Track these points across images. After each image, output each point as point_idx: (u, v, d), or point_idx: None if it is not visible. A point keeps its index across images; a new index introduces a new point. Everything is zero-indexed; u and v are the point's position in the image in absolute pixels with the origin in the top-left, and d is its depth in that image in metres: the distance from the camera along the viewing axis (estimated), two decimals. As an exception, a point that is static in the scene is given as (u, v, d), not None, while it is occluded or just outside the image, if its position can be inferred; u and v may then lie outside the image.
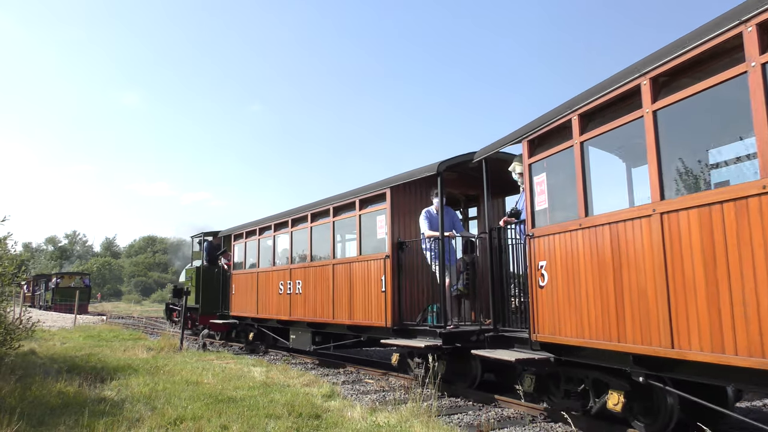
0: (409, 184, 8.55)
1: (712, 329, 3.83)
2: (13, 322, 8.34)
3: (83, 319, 24.69)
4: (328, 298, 9.76)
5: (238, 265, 14.32)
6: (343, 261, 9.61)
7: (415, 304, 8.44)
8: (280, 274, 11.77)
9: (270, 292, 12.12)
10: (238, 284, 13.94)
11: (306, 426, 5.30)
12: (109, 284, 78.47)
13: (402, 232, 8.52)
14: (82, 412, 5.44)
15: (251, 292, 13.06)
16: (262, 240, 13.00)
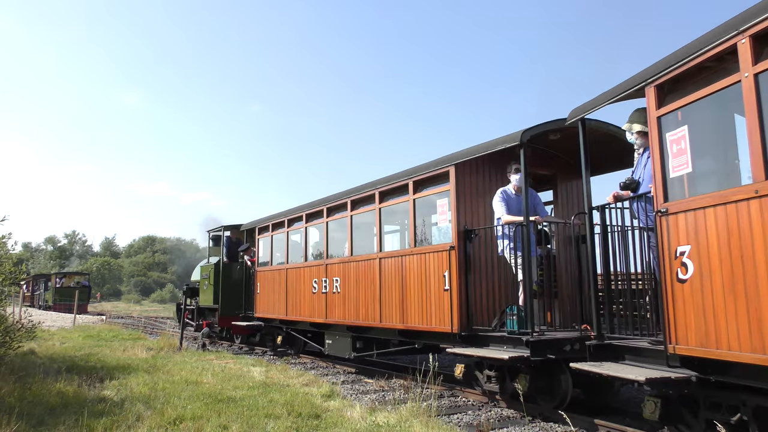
0: (478, 160, 7.24)
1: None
2: (14, 323, 8.33)
3: (83, 318, 24.68)
4: (374, 297, 8.54)
5: (264, 261, 13.09)
6: (392, 254, 8.30)
7: (486, 305, 7.11)
8: (313, 271, 10.50)
9: (301, 291, 10.90)
10: (264, 282, 12.75)
11: (305, 426, 5.30)
12: (108, 284, 78.42)
13: (469, 218, 7.18)
14: (81, 412, 5.44)
15: (279, 291, 11.88)
16: (291, 233, 11.80)
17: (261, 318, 12.77)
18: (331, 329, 10.03)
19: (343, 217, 9.80)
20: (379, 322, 8.36)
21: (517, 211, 6.68)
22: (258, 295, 13.03)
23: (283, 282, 11.69)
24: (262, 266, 13.02)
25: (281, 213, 12.21)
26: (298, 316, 11.01)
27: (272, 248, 12.66)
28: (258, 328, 13.03)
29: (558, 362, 6.00)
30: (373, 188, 8.88)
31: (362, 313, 8.83)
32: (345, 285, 9.38)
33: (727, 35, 3.93)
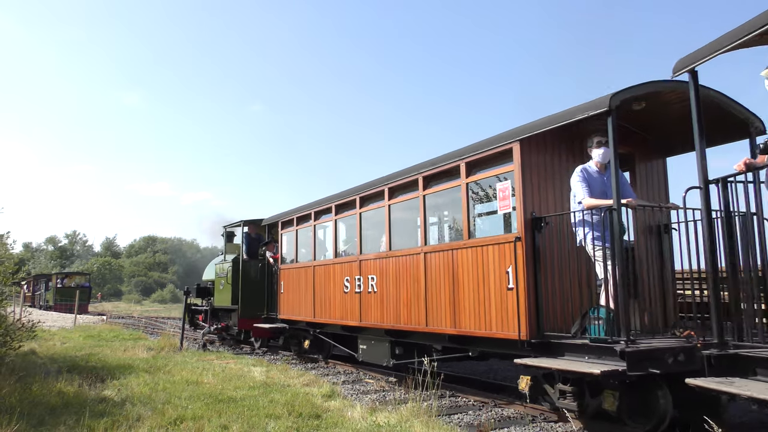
0: (547, 136, 6.11)
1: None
2: (14, 322, 8.34)
3: (83, 319, 24.69)
4: (417, 298, 7.52)
5: (288, 258, 12.08)
6: (440, 248, 7.27)
7: (560, 307, 5.92)
8: (345, 269, 9.38)
9: (331, 291, 9.82)
10: (288, 281, 11.68)
11: (306, 426, 5.30)
12: (109, 284, 78.49)
13: (537, 204, 6.10)
14: (82, 412, 5.44)
15: (305, 290, 10.80)
16: (319, 226, 10.76)
17: (285, 320, 11.71)
18: (366, 333, 9.00)
19: (379, 207, 8.68)
20: (425, 325, 7.29)
21: (601, 194, 5.66)
22: (282, 295, 11.94)
23: (310, 281, 10.60)
24: (286, 264, 11.99)
25: (307, 205, 11.14)
26: (328, 318, 9.92)
27: (297, 244, 11.57)
28: (281, 331, 11.93)
29: (650, 378, 4.93)
30: (415, 173, 7.75)
31: (404, 315, 7.79)
32: (382, 284, 8.33)
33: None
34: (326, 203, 10.31)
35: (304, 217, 11.29)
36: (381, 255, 8.51)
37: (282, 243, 12.37)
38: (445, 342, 7.27)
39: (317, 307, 10.29)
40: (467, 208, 6.85)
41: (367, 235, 9.23)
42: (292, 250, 11.79)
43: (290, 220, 11.81)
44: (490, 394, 7.28)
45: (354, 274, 9.09)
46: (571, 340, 5.55)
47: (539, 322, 5.82)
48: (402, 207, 8.40)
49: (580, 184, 5.75)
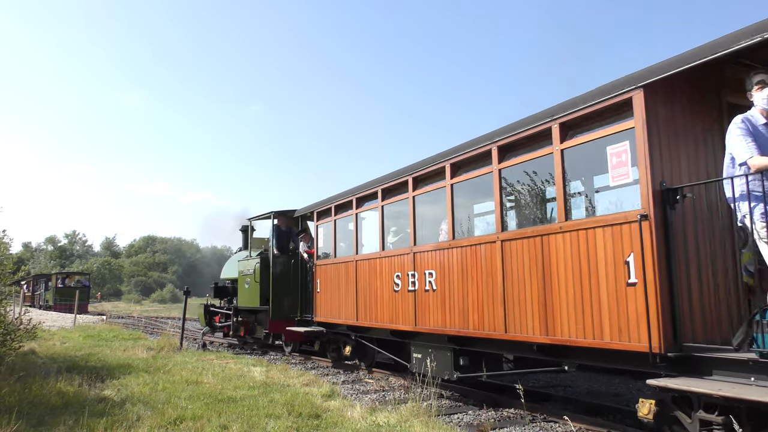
0: (676, 81, 4.72)
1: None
2: (13, 321, 8.33)
3: (83, 318, 24.68)
4: (492, 297, 6.12)
5: (325, 252, 10.67)
6: (524, 234, 5.78)
7: (707, 309, 4.55)
8: (395, 263, 8.08)
9: (377, 290, 8.51)
10: (326, 279, 10.32)
11: (306, 426, 5.30)
12: (108, 284, 78.50)
13: (668, 171, 4.66)
14: (81, 412, 5.44)
15: (346, 289, 9.48)
16: (362, 215, 9.37)
17: (322, 323, 10.39)
18: (420, 339, 7.66)
19: (438, 187, 7.33)
20: (503, 332, 5.90)
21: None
22: (318, 295, 10.57)
23: (352, 278, 9.28)
24: (323, 259, 10.57)
25: (347, 191, 9.72)
26: (373, 322, 8.57)
27: (335, 236, 10.11)
28: (318, 335, 10.58)
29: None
30: (488, 143, 6.34)
31: (473, 318, 6.40)
32: (444, 280, 6.98)
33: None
34: (370, 187, 8.89)
35: (343, 205, 9.85)
36: (441, 246, 7.10)
37: (318, 236, 10.90)
38: (532, 352, 5.74)
39: (360, 308, 8.95)
40: (563, 181, 5.40)
41: (422, 223, 7.79)
42: (330, 244, 10.30)
43: (327, 209, 10.36)
44: (490, 394, 7.27)
45: (406, 270, 7.75)
46: (730, 354, 4.13)
47: (675, 330, 4.40)
48: (468, 187, 7.00)
49: (743, 140, 4.16)
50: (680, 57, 4.48)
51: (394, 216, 8.72)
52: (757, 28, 3.91)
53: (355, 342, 9.47)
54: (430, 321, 7.24)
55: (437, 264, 7.16)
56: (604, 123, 5.11)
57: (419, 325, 7.46)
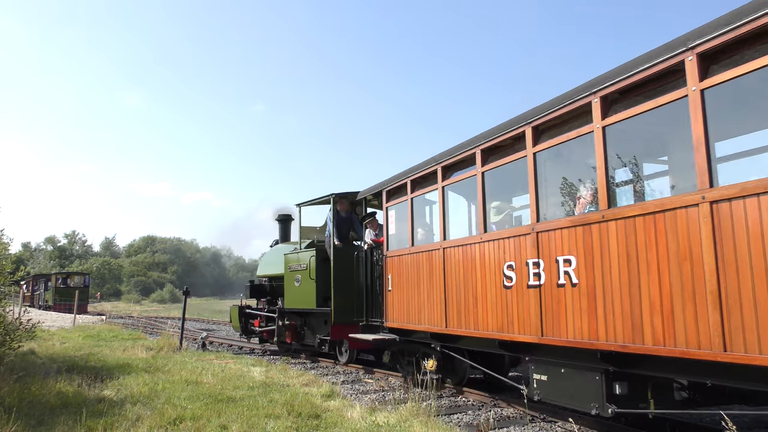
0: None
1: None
2: (13, 321, 8.33)
3: (83, 319, 24.67)
4: (692, 292, 4.05)
5: (398, 241, 8.49)
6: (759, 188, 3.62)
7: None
8: (506, 248, 5.97)
9: (476, 286, 6.43)
10: (399, 274, 8.22)
11: (305, 426, 5.29)
12: (108, 284, 78.50)
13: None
14: (81, 412, 5.43)
15: (429, 286, 7.45)
16: (450, 188, 7.31)
17: (395, 329, 8.33)
18: (545, 354, 5.51)
19: (574, 137, 5.10)
20: (720, 348, 3.80)
21: None
22: (390, 295, 8.45)
23: (437, 271, 7.24)
24: (396, 249, 8.42)
25: (429, 160, 7.57)
26: (471, 329, 6.49)
27: (412, 219, 7.96)
28: (389, 344, 8.72)
29: None
30: (682, 49, 4.14)
31: (652, 326, 4.32)
32: (591, 270, 4.90)
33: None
34: (465, 150, 6.70)
35: (424, 177, 7.79)
36: (588, 219, 4.96)
37: (388, 220, 8.75)
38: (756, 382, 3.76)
39: (451, 311, 6.92)
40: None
41: (550, 189, 5.77)
42: (405, 229, 8.14)
43: (401, 186, 8.32)
44: (490, 394, 7.26)
45: (524, 257, 5.64)
46: None
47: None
48: (631, 127, 4.91)
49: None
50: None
51: (499, 186, 6.67)
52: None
53: (441, 354, 7.47)
54: (566, 329, 5.10)
55: (579, 247, 5.02)
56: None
57: (548, 334, 5.31)
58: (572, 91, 5.20)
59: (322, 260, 10.50)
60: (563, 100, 5.28)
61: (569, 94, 5.24)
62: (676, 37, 4.27)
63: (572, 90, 5.21)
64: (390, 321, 8.45)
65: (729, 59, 3.93)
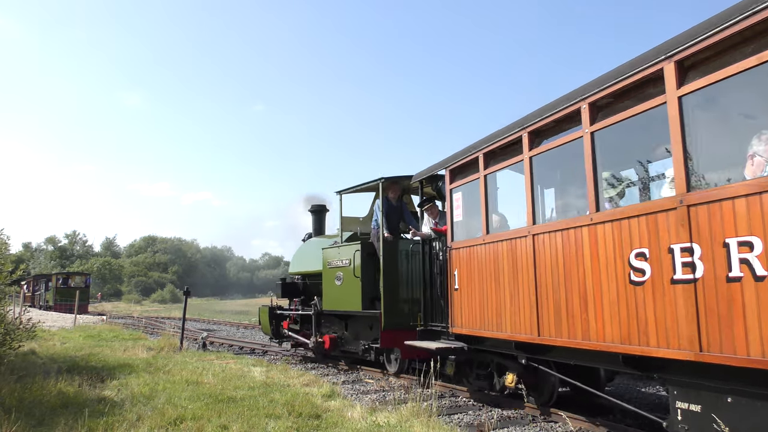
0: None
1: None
2: (13, 321, 8.34)
3: (83, 319, 24.68)
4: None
5: (467, 228, 7.10)
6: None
7: None
8: (629, 230, 4.53)
9: (582, 283, 5.00)
10: (469, 269, 6.81)
11: (306, 426, 5.29)
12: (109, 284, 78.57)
13: None
14: (81, 412, 5.43)
15: (511, 282, 6.01)
16: (539, 159, 5.76)
17: (462, 336, 6.99)
18: (700, 377, 4.04)
19: (748, 67, 3.67)
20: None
21: None
22: (456, 294, 7.05)
23: (524, 264, 5.78)
24: (465, 240, 6.99)
25: (512, 125, 6.06)
26: (578, 339, 5.02)
27: (487, 201, 6.49)
28: (456, 353, 7.11)
29: None
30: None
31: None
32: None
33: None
34: (564, 107, 5.23)
35: (502, 149, 6.32)
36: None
37: (452, 205, 7.29)
38: None
39: (545, 314, 5.44)
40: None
41: (700, 151, 4.13)
42: (477, 215, 6.70)
43: (470, 161, 6.84)
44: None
45: (666, 241, 4.19)
46: None
47: None
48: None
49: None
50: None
51: (614, 151, 5.23)
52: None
53: (525, 367, 6.09)
54: (745, 341, 3.61)
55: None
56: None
57: (711, 348, 3.82)
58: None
59: (368, 255, 9.19)
60: (732, 17, 3.80)
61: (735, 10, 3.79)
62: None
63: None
64: (457, 326, 7.02)
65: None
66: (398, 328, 8.51)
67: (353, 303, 9.29)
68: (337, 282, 9.85)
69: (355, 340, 9.74)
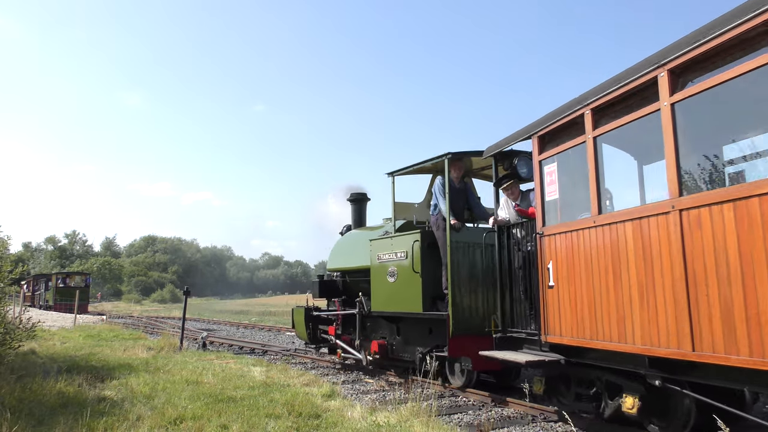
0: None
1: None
2: (12, 320, 8.34)
3: (83, 318, 24.67)
4: None
5: (567, 208, 5.63)
6: None
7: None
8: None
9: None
10: (571, 260, 5.34)
11: (306, 426, 5.29)
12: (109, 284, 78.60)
13: None
14: (81, 412, 5.43)
15: (640, 278, 4.50)
16: (687, 106, 4.21)
17: (560, 346, 5.53)
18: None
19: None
20: None
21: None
22: (551, 294, 5.60)
23: (665, 252, 4.26)
24: (564, 223, 5.52)
25: (642, 64, 4.57)
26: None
27: (597, 172, 5.03)
28: (550, 368, 5.73)
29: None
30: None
31: None
32: None
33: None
34: (735, 24, 3.74)
35: (622, 100, 4.84)
36: None
37: (544, 182, 5.77)
38: None
39: (705, 320, 3.94)
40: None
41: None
42: (581, 191, 5.28)
43: (570, 122, 5.38)
44: (490, 394, 7.24)
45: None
46: None
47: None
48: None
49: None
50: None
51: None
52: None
53: (647, 387, 4.75)
54: None
55: None
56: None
57: None
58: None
59: (429, 246, 7.94)
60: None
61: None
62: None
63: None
64: (553, 334, 5.52)
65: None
66: (472, 333, 7.22)
67: (411, 303, 7.98)
68: (389, 279, 8.51)
69: (410, 347, 8.38)
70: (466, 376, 7.57)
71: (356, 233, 10.72)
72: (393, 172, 8.88)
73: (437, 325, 7.74)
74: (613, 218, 4.85)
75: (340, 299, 10.56)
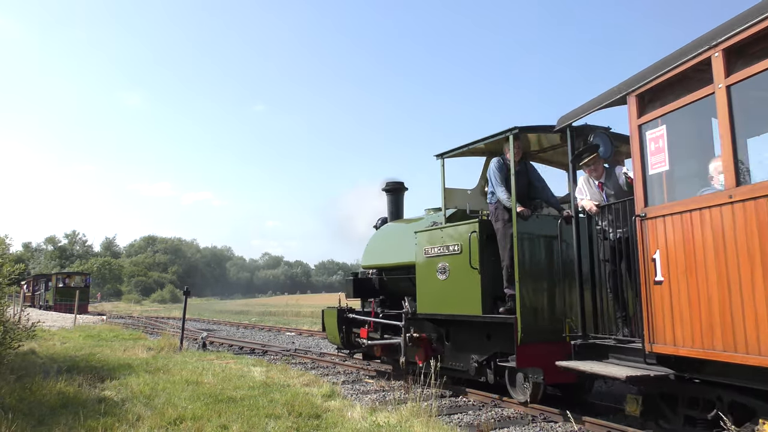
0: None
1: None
2: (12, 320, 8.34)
3: (83, 319, 24.67)
4: None
5: (679, 184, 4.58)
6: None
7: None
8: None
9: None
10: (691, 248, 4.05)
11: (306, 426, 5.29)
12: (109, 284, 78.62)
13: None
14: (81, 412, 5.43)
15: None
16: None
17: (669, 357, 4.38)
18: None
19: None
20: None
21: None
22: (658, 291, 4.40)
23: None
24: (674, 203, 4.33)
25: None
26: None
27: (733, 129, 3.79)
28: (657, 383, 4.52)
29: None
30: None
31: None
32: None
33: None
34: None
35: (765, 36, 3.65)
36: None
37: (644, 151, 4.62)
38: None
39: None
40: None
41: None
42: (702, 158, 4.49)
43: (688, 70, 4.21)
44: (490, 394, 7.23)
45: None
46: None
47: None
48: None
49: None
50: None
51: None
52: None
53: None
54: None
55: None
56: None
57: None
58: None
59: (487, 239, 6.82)
60: None
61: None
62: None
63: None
64: (662, 342, 4.37)
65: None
66: (545, 340, 6.17)
67: (467, 304, 6.85)
68: (440, 276, 7.34)
69: (464, 354, 7.31)
70: (532, 389, 6.39)
71: (394, 226, 9.61)
72: (442, 154, 7.73)
73: (498, 330, 6.67)
74: (762, 190, 3.57)
75: (377, 299, 9.45)
